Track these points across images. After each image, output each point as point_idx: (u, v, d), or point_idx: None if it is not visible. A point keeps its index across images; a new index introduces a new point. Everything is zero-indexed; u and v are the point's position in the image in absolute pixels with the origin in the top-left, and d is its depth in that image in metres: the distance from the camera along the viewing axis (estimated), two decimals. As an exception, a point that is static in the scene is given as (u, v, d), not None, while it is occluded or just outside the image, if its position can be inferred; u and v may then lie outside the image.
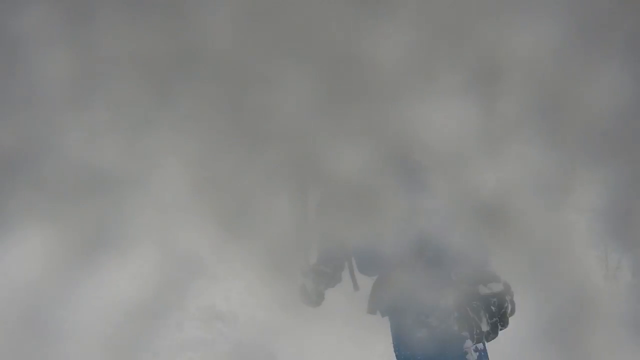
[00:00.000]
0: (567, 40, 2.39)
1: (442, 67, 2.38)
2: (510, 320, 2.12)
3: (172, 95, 2.37)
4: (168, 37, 2.39)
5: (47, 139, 2.27)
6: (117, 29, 2.40)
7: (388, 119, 2.27)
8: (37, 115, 2.31)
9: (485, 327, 1.91)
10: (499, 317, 1.91)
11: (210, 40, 2.39)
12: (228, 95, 2.37)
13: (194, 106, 2.36)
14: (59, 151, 2.24)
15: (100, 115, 2.32)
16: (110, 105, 2.32)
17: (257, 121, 2.35)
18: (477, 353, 2.01)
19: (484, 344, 1.98)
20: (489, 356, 2.02)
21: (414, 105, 2.33)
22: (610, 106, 2.35)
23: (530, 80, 2.35)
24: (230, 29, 2.40)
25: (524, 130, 2.28)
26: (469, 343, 2.01)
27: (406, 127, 2.24)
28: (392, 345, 2.15)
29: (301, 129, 2.34)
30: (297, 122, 2.34)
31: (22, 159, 2.24)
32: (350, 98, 2.36)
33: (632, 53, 2.37)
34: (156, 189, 2.20)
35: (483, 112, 2.30)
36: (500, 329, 1.93)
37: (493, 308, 1.91)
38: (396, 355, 2.13)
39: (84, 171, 2.23)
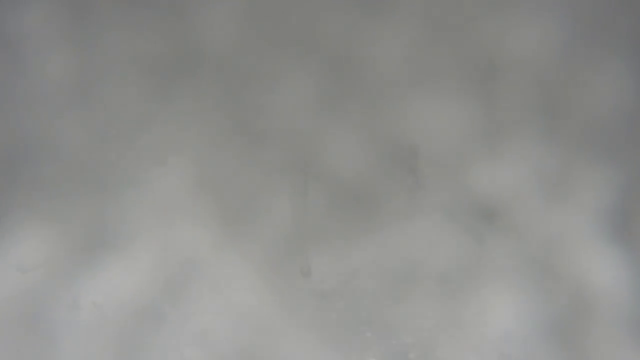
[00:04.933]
0: (567, 39, 2.39)
1: (442, 66, 2.38)
2: (511, 319, 2.13)
3: (172, 94, 2.37)
4: (168, 37, 2.40)
5: (47, 138, 2.28)
6: (118, 29, 2.41)
7: (388, 118, 2.27)
8: (37, 115, 2.32)
9: None
10: None
11: (210, 40, 2.40)
12: (229, 95, 2.37)
13: (194, 106, 2.36)
14: (59, 151, 2.24)
15: (101, 114, 2.32)
16: (110, 105, 2.32)
17: (257, 121, 2.35)
18: None
19: None
20: None
21: (414, 105, 2.33)
22: (610, 106, 2.35)
23: (530, 79, 2.36)
24: (230, 29, 2.41)
25: (524, 130, 2.28)
26: None
27: (406, 126, 2.25)
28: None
29: (301, 129, 2.34)
30: (297, 121, 2.34)
31: (22, 159, 2.25)
32: (350, 97, 2.36)
33: (633, 53, 2.37)
34: (156, 189, 2.21)
35: (483, 111, 2.30)
36: None
37: None
38: None
39: (84, 171, 2.23)
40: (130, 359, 2.19)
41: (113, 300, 2.22)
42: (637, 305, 2.25)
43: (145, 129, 2.35)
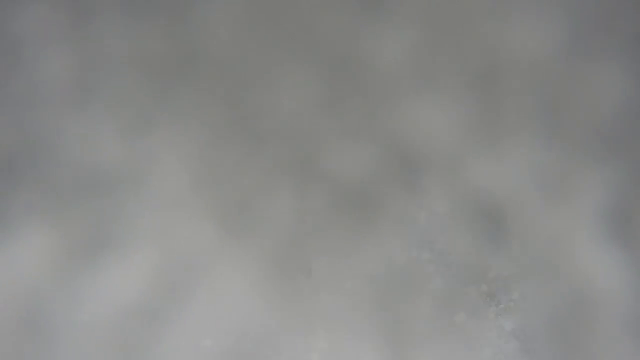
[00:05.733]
0: (567, 39, 2.39)
1: (443, 66, 2.38)
2: (510, 320, 2.13)
3: (172, 94, 2.37)
4: (168, 37, 2.40)
5: (47, 138, 2.28)
6: (118, 29, 2.41)
7: (388, 119, 2.28)
8: (37, 115, 2.32)
9: None
10: None
11: (210, 41, 2.40)
12: (228, 95, 2.37)
13: (193, 106, 2.36)
14: (59, 151, 2.24)
15: (100, 115, 2.32)
16: (110, 105, 2.32)
17: (257, 121, 2.35)
18: None
19: None
20: None
21: (414, 105, 2.33)
22: (610, 106, 2.35)
23: (530, 80, 2.36)
24: (230, 30, 2.40)
25: (524, 130, 2.29)
26: None
27: (406, 126, 2.25)
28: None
29: (301, 129, 2.34)
30: (297, 121, 2.34)
31: (22, 159, 2.25)
32: (350, 98, 2.36)
33: (633, 53, 2.37)
34: (156, 189, 2.21)
35: (483, 111, 2.31)
36: None
37: None
38: None
39: (84, 171, 2.23)
40: (130, 359, 2.19)
41: (113, 300, 2.22)
42: (637, 305, 2.25)
43: (145, 128, 2.35)
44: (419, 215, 2.27)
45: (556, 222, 2.31)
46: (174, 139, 2.35)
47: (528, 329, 2.23)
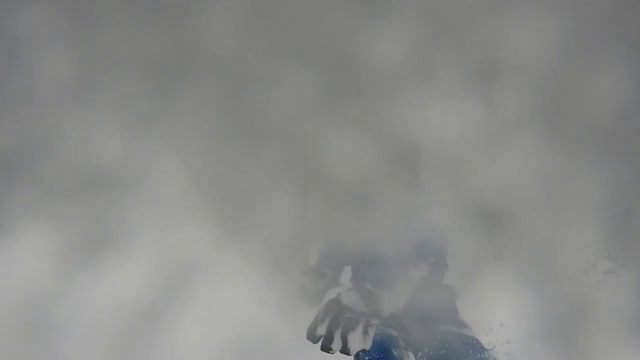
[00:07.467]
0: (567, 39, 2.39)
1: (442, 66, 2.38)
2: (511, 319, 2.13)
3: (171, 94, 2.37)
4: (168, 37, 2.39)
5: (47, 138, 2.27)
6: (117, 29, 2.40)
7: (388, 119, 2.27)
8: (37, 115, 2.31)
9: None
10: None
11: (210, 40, 2.39)
12: (228, 95, 2.37)
13: (193, 105, 2.36)
14: (59, 151, 2.24)
15: (100, 114, 2.32)
16: (110, 105, 2.32)
17: (257, 121, 2.35)
18: None
19: None
20: None
21: (414, 105, 2.33)
22: (610, 105, 2.35)
23: (530, 79, 2.35)
24: (230, 29, 2.40)
25: (524, 130, 2.28)
26: None
27: (406, 126, 2.24)
28: None
29: (301, 129, 2.34)
30: (297, 121, 2.34)
31: (22, 159, 2.24)
32: (350, 98, 2.36)
33: (633, 52, 2.37)
34: (156, 188, 2.20)
35: (483, 111, 2.30)
36: None
37: None
38: None
39: (83, 170, 2.23)
40: (130, 358, 2.19)
41: (113, 300, 2.22)
42: (637, 305, 2.25)
43: (145, 128, 2.35)
44: (418, 214, 2.27)
45: (556, 221, 2.30)
46: (174, 139, 2.35)
47: (527, 327, 2.23)
